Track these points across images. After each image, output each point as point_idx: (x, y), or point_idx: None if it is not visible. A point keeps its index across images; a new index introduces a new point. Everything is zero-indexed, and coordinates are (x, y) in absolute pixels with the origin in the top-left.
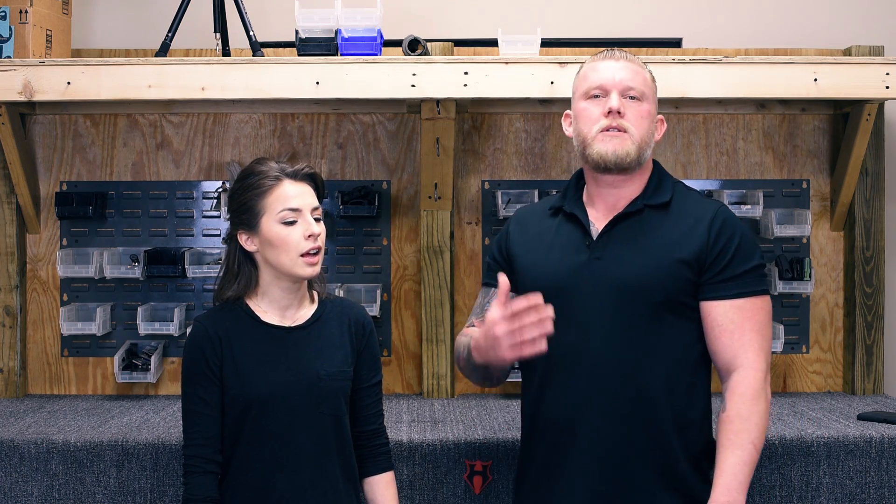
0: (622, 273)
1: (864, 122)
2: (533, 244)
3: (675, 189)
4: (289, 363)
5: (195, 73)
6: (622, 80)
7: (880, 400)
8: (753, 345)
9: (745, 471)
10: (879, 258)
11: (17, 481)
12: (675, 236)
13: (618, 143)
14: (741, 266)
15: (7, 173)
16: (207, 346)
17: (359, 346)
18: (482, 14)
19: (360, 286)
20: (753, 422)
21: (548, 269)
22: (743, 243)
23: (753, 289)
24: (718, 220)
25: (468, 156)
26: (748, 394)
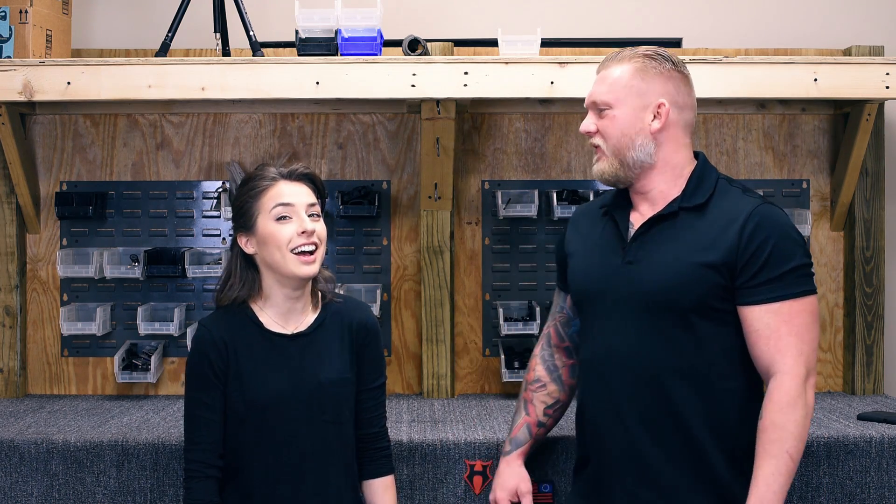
0: (651, 278)
1: (864, 122)
2: (581, 245)
3: (718, 186)
4: (290, 371)
5: (195, 73)
6: (591, 96)
7: (880, 400)
8: (791, 350)
9: (780, 481)
10: (879, 258)
11: (17, 481)
12: (706, 240)
13: (596, 161)
14: (777, 269)
15: (7, 173)
16: (212, 350)
17: (359, 348)
18: (482, 14)
19: (360, 286)
20: (789, 430)
21: (587, 271)
22: (780, 244)
23: (791, 291)
24: (753, 221)
25: (468, 156)
26: (783, 401)
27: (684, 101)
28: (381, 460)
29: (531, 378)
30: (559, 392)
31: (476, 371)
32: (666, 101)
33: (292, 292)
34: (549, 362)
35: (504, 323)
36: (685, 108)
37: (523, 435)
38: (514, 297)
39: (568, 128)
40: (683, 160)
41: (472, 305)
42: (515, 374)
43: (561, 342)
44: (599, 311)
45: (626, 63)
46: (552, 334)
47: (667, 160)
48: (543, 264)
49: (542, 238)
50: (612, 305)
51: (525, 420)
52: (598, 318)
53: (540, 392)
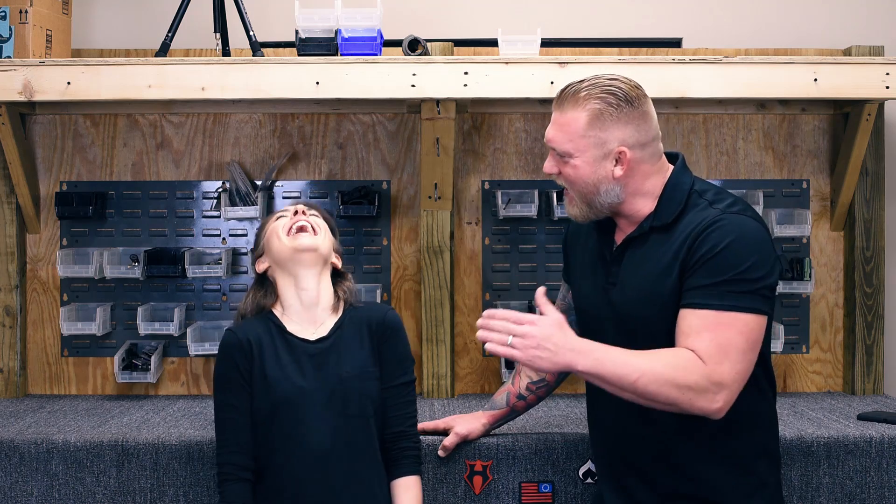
0: (624, 300)
1: (864, 122)
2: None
3: (689, 200)
4: (314, 371)
5: (195, 73)
6: (549, 139)
7: (880, 400)
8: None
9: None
10: (879, 258)
11: (17, 481)
12: (667, 260)
13: (567, 203)
14: (715, 275)
15: (7, 173)
16: (237, 352)
17: (380, 345)
18: (482, 14)
19: (360, 286)
20: (666, 372)
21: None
22: (727, 251)
23: (724, 302)
24: (708, 230)
25: (468, 156)
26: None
27: (646, 136)
28: (404, 461)
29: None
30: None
31: (476, 371)
32: (626, 147)
33: (305, 284)
34: None
35: None
36: (648, 144)
37: (501, 401)
38: (514, 297)
39: None
40: (656, 183)
41: (472, 305)
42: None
43: None
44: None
45: (581, 108)
46: None
47: (636, 191)
48: (543, 264)
49: (542, 238)
50: (599, 325)
51: (508, 389)
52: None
53: (526, 368)
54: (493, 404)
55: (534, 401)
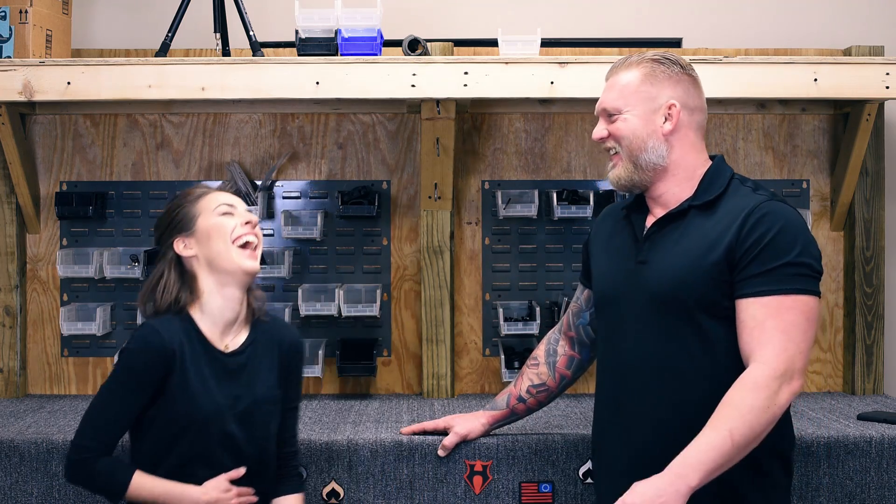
0: (658, 278)
1: (864, 122)
2: (603, 247)
3: (730, 185)
4: (230, 389)
5: (195, 73)
6: (601, 103)
7: (880, 400)
8: (773, 343)
9: (711, 455)
10: (879, 258)
11: (17, 481)
12: (711, 237)
13: (611, 168)
14: (770, 262)
15: (7, 173)
16: (157, 356)
17: (287, 369)
18: (482, 14)
19: (360, 286)
20: (739, 411)
21: (606, 272)
22: (779, 238)
23: (782, 287)
24: (754, 216)
25: (468, 156)
26: (748, 385)
27: (695, 103)
28: (295, 479)
29: (533, 354)
30: (548, 376)
31: (476, 371)
32: (677, 102)
33: (232, 295)
34: (552, 346)
35: (504, 323)
36: (696, 111)
37: (502, 402)
38: (514, 297)
39: (568, 128)
40: (696, 162)
41: (472, 305)
42: (515, 374)
43: (569, 330)
44: (616, 312)
45: (634, 68)
46: (564, 322)
47: (678, 163)
48: (543, 264)
49: (542, 238)
50: (626, 307)
51: (510, 391)
52: (612, 319)
53: (532, 369)
54: (494, 405)
55: (534, 405)
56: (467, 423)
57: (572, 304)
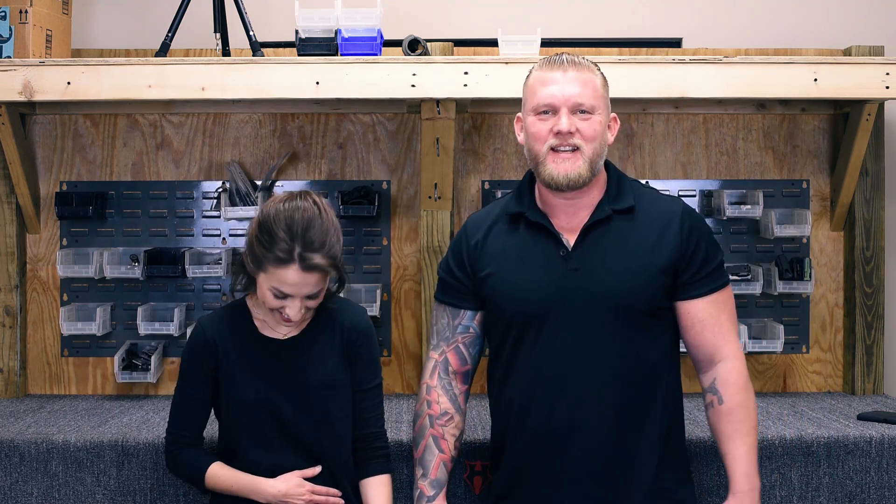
0: (604, 284)
1: (864, 122)
2: (503, 258)
3: (634, 190)
4: (280, 373)
5: (195, 73)
6: (571, 95)
7: (880, 400)
8: (731, 333)
9: (756, 456)
10: (879, 258)
11: (17, 481)
12: (648, 242)
13: (569, 165)
14: (711, 263)
15: (7, 173)
16: (204, 351)
17: (351, 350)
18: (482, 14)
19: (360, 286)
20: (750, 407)
21: (525, 284)
22: (709, 240)
23: (722, 282)
24: (686, 221)
25: (468, 156)
26: (741, 383)
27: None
28: (377, 460)
29: (437, 412)
30: (461, 423)
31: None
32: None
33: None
34: (450, 392)
35: None
36: None
37: (442, 475)
38: None
39: None
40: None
41: None
42: None
43: (462, 366)
44: (547, 322)
45: (593, 72)
46: (451, 360)
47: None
48: None
49: None
50: (562, 315)
51: (440, 458)
52: (546, 330)
53: (449, 426)
54: (437, 483)
55: (457, 457)
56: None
57: (459, 335)
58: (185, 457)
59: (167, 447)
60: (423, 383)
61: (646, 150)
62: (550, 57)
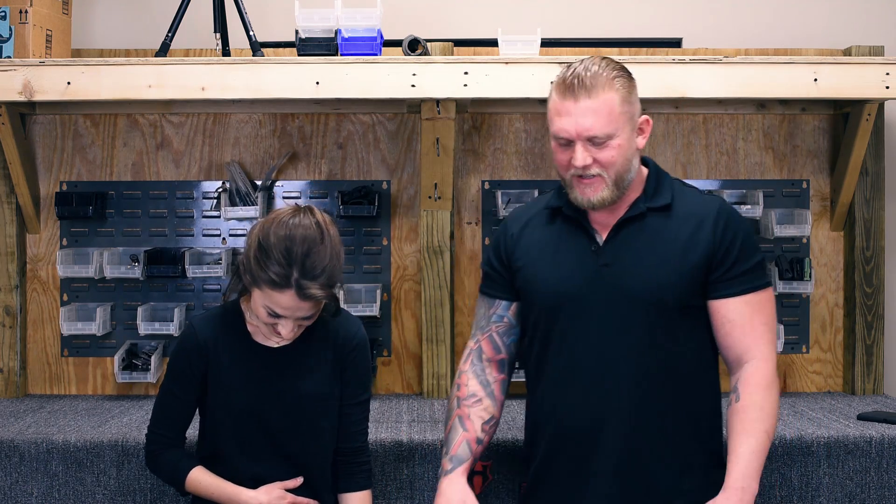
0: (635, 280)
1: (864, 122)
2: (537, 251)
3: (674, 188)
4: (271, 381)
5: (195, 73)
6: (585, 129)
7: (880, 400)
8: (764, 337)
9: (759, 458)
10: (879, 258)
11: (17, 481)
12: (682, 239)
13: (591, 190)
14: (746, 262)
15: (7, 173)
16: (194, 352)
17: (344, 363)
18: (482, 14)
19: (360, 286)
20: (767, 411)
21: (557, 277)
22: (746, 239)
23: (759, 283)
24: (722, 219)
25: (468, 156)
26: (763, 383)
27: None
28: (359, 475)
29: (465, 394)
30: (493, 408)
31: None
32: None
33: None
34: (481, 377)
35: None
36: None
37: (464, 452)
38: None
39: None
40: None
41: (472, 305)
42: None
43: (496, 354)
44: (577, 316)
45: (609, 89)
46: (484, 348)
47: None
48: None
49: None
50: (592, 309)
51: (464, 436)
52: (577, 323)
53: (476, 407)
54: (457, 459)
55: (488, 441)
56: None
57: (494, 324)
58: (167, 458)
59: (148, 446)
60: (458, 370)
61: (646, 150)
62: (567, 77)
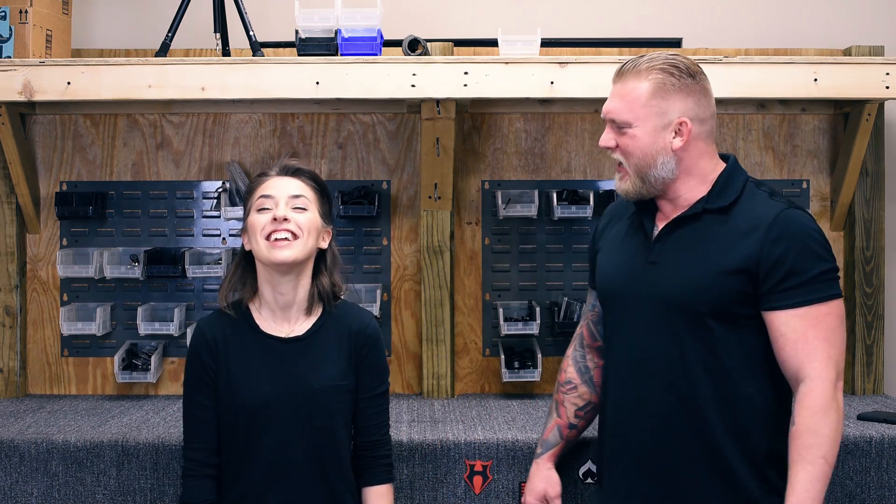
0: (670, 281)
1: (864, 122)
2: (609, 243)
3: (745, 189)
4: (283, 375)
5: (195, 73)
6: (608, 111)
7: (880, 400)
8: (819, 354)
9: (818, 486)
10: (879, 258)
11: (17, 481)
12: (727, 245)
13: (618, 179)
14: (803, 274)
15: (7, 173)
16: (205, 351)
17: (359, 356)
18: (482, 14)
19: (360, 286)
20: (823, 434)
21: (611, 270)
22: (805, 249)
23: (817, 296)
24: (777, 227)
25: (468, 156)
26: (816, 406)
27: (706, 113)
28: (379, 468)
29: (563, 379)
30: (590, 394)
31: (476, 371)
32: (687, 118)
33: (278, 284)
34: (580, 363)
35: (504, 323)
36: (706, 120)
37: (554, 437)
38: (514, 297)
39: (568, 128)
40: (708, 167)
41: (472, 305)
42: (515, 374)
43: (593, 341)
44: (621, 311)
45: (644, 79)
46: (584, 334)
47: (689, 171)
48: (543, 264)
49: (542, 238)
50: (632, 305)
51: (556, 422)
52: (620, 318)
53: (571, 394)
54: (546, 444)
55: (584, 426)
56: (551, 483)
57: (589, 313)
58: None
59: (184, 471)
60: (565, 354)
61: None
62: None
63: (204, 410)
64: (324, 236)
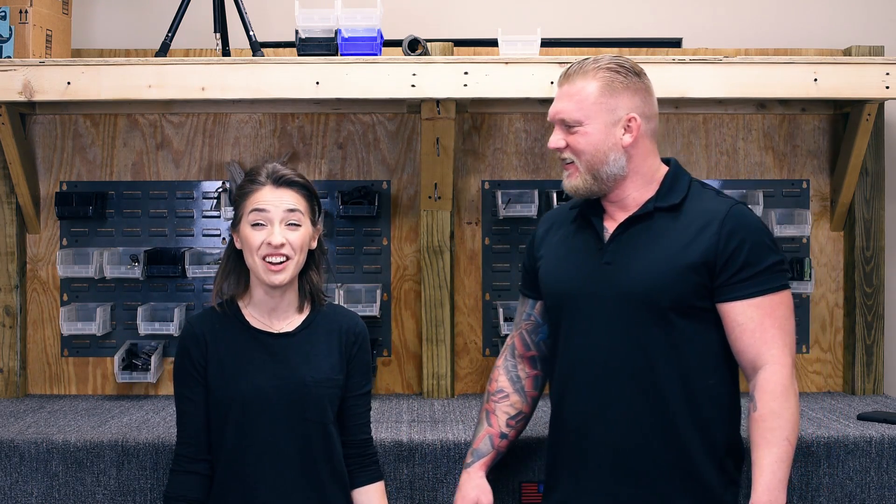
0: (628, 279)
1: (864, 122)
2: (553, 250)
3: (691, 188)
4: (274, 369)
5: (195, 73)
6: (557, 112)
7: (880, 400)
8: (777, 341)
9: (783, 468)
10: (879, 258)
11: (17, 481)
12: (683, 240)
13: (567, 177)
14: (756, 266)
15: (7, 173)
16: (193, 346)
17: (350, 354)
18: (482, 14)
19: (360, 286)
20: (785, 417)
21: (561, 275)
22: (757, 242)
23: (771, 286)
24: (729, 222)
25: (468, 156)
26: (777, 390)
27: (651, 111)
28: (372, 467)
29: (493, 388)
30: (522, 403)
31: (476, 371)
32: (636, 114)
33: (270, 291)
34: (511, 373)
35: (504, 323)
36: (651, 118)
37: (485, 447)
38: (514, 297)
39: None
40: (653, 166)
41: (472, 305)
42: None
43: (526, 351)
44: (578, 313)
45: (591, 78)
46: (517, 344)
47: (638, 169)
48: None
49: None
50: (591, 307)
51: (488, 431)
52: (577, 320)
53: (503, 403)
54: (477, 453)
55: (514, 437)
56: (482, 490)
57: (522, 323)
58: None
59: (171, 466)
60: (494, 364)
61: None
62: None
63: (192, 405)
64: (313, 238)
